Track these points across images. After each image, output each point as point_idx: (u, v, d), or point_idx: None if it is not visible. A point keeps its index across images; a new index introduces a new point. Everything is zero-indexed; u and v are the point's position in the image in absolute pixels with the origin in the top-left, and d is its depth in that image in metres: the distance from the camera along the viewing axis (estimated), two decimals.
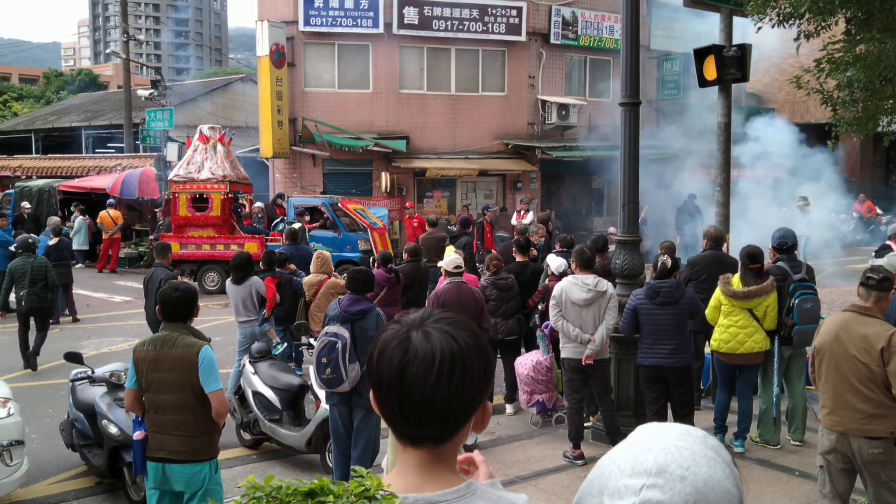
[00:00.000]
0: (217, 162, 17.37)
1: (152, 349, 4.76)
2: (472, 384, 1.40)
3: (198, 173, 17.23)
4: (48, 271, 11.31)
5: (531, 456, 7.52)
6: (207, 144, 17.51)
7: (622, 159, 7.96)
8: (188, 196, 17.23)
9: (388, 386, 1.39)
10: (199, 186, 17.20)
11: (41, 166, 27.53)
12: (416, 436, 1.43)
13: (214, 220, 17.25)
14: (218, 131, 17.97)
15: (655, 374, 6.99)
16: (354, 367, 5.94)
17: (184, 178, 17.24)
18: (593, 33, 25.14)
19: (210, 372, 4.70)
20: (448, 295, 7.70)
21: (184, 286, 4.97)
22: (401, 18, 22.48)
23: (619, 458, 1.15)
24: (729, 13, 10.66)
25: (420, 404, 1.37)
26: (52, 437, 7.94)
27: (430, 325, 1.43)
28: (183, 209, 17.23)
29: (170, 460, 4.75)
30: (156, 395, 4.77)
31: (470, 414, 1.44)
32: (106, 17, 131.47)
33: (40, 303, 11.18)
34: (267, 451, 7.82)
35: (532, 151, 23.73)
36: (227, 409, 4.87)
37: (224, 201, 17.21)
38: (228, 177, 17.30)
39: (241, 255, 9.61)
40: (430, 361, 1.37)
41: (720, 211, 10.92)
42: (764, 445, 7.49)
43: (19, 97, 57.40)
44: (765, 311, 7.19)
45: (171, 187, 17.61)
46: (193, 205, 17.25)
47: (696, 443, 1.14)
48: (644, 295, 7.01)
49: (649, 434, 1.18)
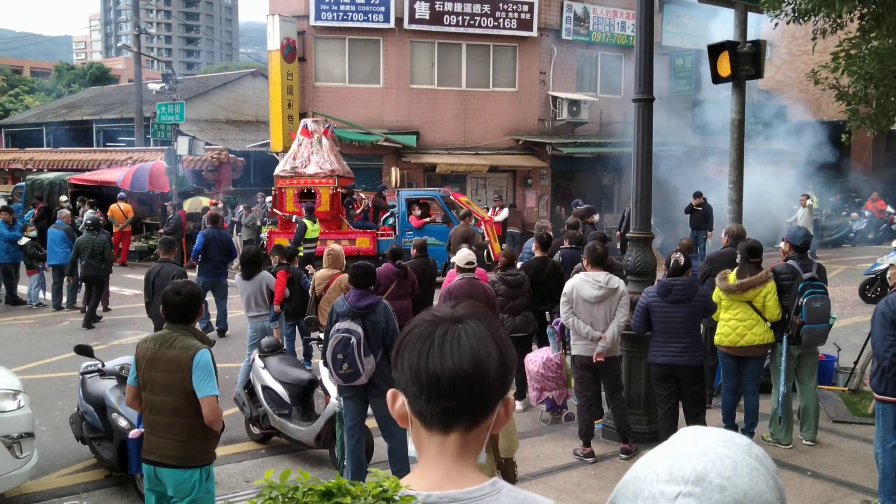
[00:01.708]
0: (323, 156, 17.06)
1: (151, 347, 4.63)
2: (504, 364, 1.44)
3: (304, 168, 16.90)
4: (105, 248, 13.60)
5: (541, 453, 7.49)
6: (312, 138, 17.17)
7: (635, 155, 7.92)
8: (295, 191, 16.88)
9: (428, 370, 1.40)
10: (306, 181, 16.89)
11: (52, 159, 27.64)
12: (452, 412, 1.43)
13: (323, 215, 16.82)
14: (321, 125, 17.62)
15: (667, 372, 6.95)
16: (369, 360, 6.08)
17: (290, 172, 16.89)
18: (605, 29, 25.03)
19: (204, 377, 4.52)
20: (460, 290, 7.68)
21: (187, 289, 4.78)
22: (412, 13, 22.44)
23: (658, 462, 1.10)
24: (743, 9, 10.58)
25: (460, 383, 1.39)
26: (62, 430, 7.95)
27: (460, 312, 1.47)
28: (290, 204, 16.86)
29: (161, 464, 4.61)
30: (151, 395, 4.63)
31: (501, 394, 1.46)
32: (117, 11, 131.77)
33: (96, 272, 13.45)
34: (276, 445, 7.81)
35: (543, 147, 23.66)
36: (218, 416, 4.62)
37: (333, 196, 16.87)
38: (336, 171, 16.96)
39: (250, 251, 9.63)
40: (470, 341, 1.42)
41: (733, 208, 10.85)
42: (775, 444, 7.45)
43: (31, 90, 57.64)
44: (763, 302, 7.17)
45: (276, 182, 17.30)
46: (300, 200, 16.88)
47: (739, 451, 1.09)
48: (656, 292, 6.97)
49: (691, 438, 1.12)
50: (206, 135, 27.14)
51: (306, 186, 16.93)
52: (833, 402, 8.75)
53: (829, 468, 6.95)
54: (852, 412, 8.46)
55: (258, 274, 9.18)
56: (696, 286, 7.06)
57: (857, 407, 8.60)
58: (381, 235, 17.26)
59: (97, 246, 13.44)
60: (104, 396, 6.65)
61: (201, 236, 13.10)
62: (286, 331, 9.85)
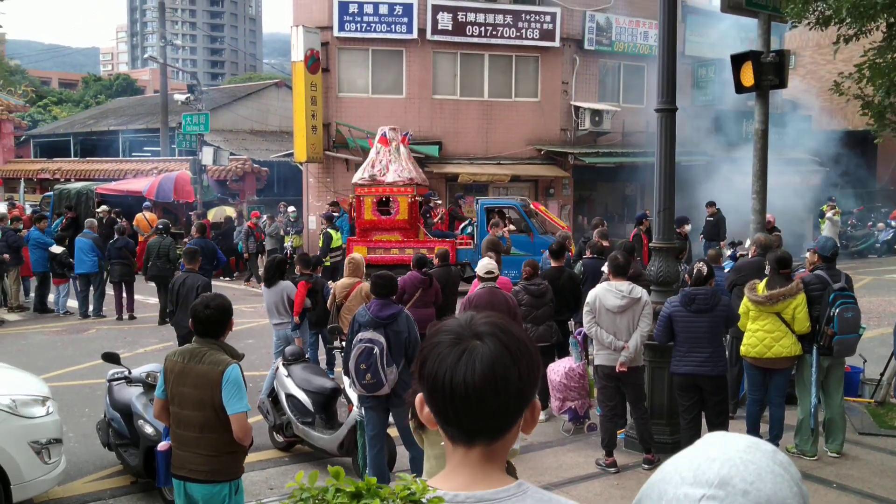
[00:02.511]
0: (402, 164, 16.92)
1: (180, 361, 4.57)
2: (526, 374, 1.43)
3: (382, 176, 16.76)
4: (170, 249, 14.58)
5: (563, 463, 7.48)
6: (390, 146, 17.05)
7: (657, 165, 7.92)
8: (373, 199, 16.75)
9: (444, 390, 1.41)
10: (385, 190, 16.73)
11: (79, 169, 27.99)
12: (471, 431, 1.44)
13: (401, 223, 16.73)
14: (399, 133, 17.46)
15: (690, 382, 6.93)
16: (392, 370, 6.09)
17: (368, 181, 16.76)
18: (628, 39, 25.00)
19: (234, 392, 4.43)
20: (480, 300, 7.71)
21: (216, 302, 4.69)
22: (435, 24, 22.54)
23: (682, 465, 1.11)
24: (767, 18, 10.54)
25: (476, 404, 1.40)
26: (88, 436, 8.05)
27: (479, 326, 1.46)
28: (368, 213, 16.74)
29: (190, 479, 4.58)
30: (179, 410, 4.58)
31: (523, 408, 1.46)
32: (144, 23, 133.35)
33: (160, 272, 14.37)
34: (299, 453, 7.86)
35: (565, 157, 23.65)
36: (247, 432, 4.56)
37: (411, 204, 16.72)
38: (415, 179, 16.87)
39: (272, 260, 9.72)
40: (487, 362, 1.40)
41: (756, 219, 10.79)
42: (800, 456, 7.39)
43: (59, 101, 58.42)
44: (793, 314, 7.12)
45: (355, 191, 17.21)
46: (378, 208, 16.78)
47: (763, 457, 1.10)
48: (679, 302, 6.96)
49: (716, 443, 1.14)
50: (230, 145, 27.37)
51: (384, 195, 16.78)
52: (859, 413, 8.66)
53: (854, 480, 6.88)
54: (878, 424, 8.38)
55: (279, 283, 9.27)
56: (719, 296, 7.04)
57: (883, 419, 8.52)
58: (460, 244, 16.97)
59: (163, 248, 14.47)
60: (130, 403, 6.73)
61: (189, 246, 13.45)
62: (309, 340, 9.91)
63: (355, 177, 17.42)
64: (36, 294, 15.97)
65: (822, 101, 26.51)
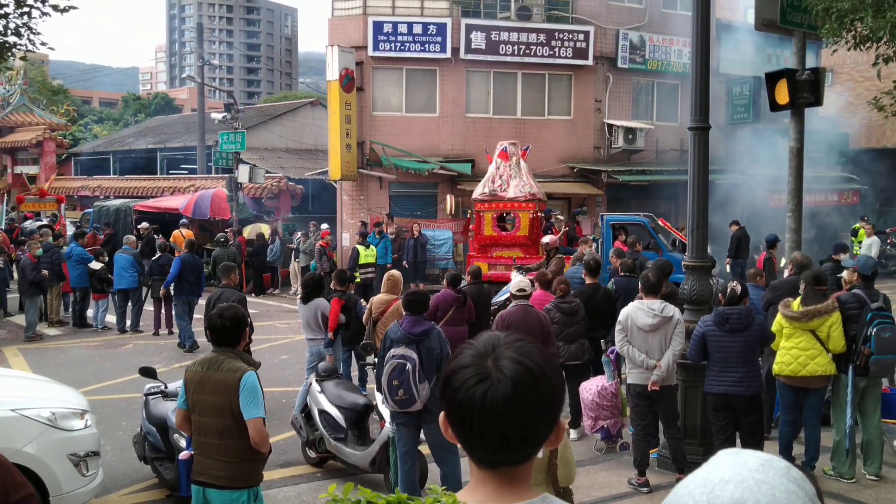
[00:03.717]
0: (522, 179, 16.53)
1: (199, 370, 4.72)
2: (547, 407, 1.42)
3: (503, 191, 16.43)
4: (236, 257, 16.26)
5: (595, 482, 7.43)
6: (510, 161, 16.70)
7: (691, 183, 7.89)
8: (493, 215, 16.46)
9: (467, 415, 1.40)
10: (505, 205, 16.43)
11: (118, 186, 28.51)
12: (495, 460, 1.44)
13: (522, 239, 16.37)
14: (519, 147, 17.12)
15: (724, 402, 6.87)
16: (424, 386, 6.12)
17: (488, 196, 16.44)
18: (661, 57, 24.95)
19: (250, 399, 4.58)
20: (513, 317, 7.71)
21: (230, 312, 4.86)
22: (468, 43, 22.68)
23: (696, 488, 1.11)
24: (802, 36, 10.49)
25: (499, 432, 1.38)
26: (125, 450, 8.17)
27: (502, 350, 1.44)
28: (488, 228, 16.40)
29: (209, 485, 4.69)
30: (200, 418, 4.72)
31: (546, 435, 1.45)
32: (182, 43, 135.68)
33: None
34: (331, 469, 7.89)
35: (598, 175, 23.59)
36: (264, 438, 4.66)
37: (532, 220, 16.41)
38: (536, 195, 16.59)
39: (309, 276, 9.81)
40: (507, 390, 1.38)
41: (792, 237, 10.69)
42: (838, 478, 7.27)
43: (99, 120, 59.65)
44: (828, 333, 7.03)
45: (474, 206, 16.91)
46: (498, 224, 16.52)
47: (777, 475, 1.09)
48: (712, 321, 6.91)
49: (729, 463, 1.13)
50: (266, 163, 27.68)
51: (505, 210, 16.53)
52: None
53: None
54: None
55: (314, 299, 9.35)
56: (753, 315, 6.98)
57: None
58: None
59: (230, 256, 16.04)
60: (166, 417, 6.81)
61: (177, 260, 14.21)
62: (342, 356, 9.97)
63: (475, 192, 16.98)
64: (75, 309, 16.25)
65: (861, 118, 26.21)
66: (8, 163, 34.91)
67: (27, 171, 34.44)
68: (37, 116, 34.50)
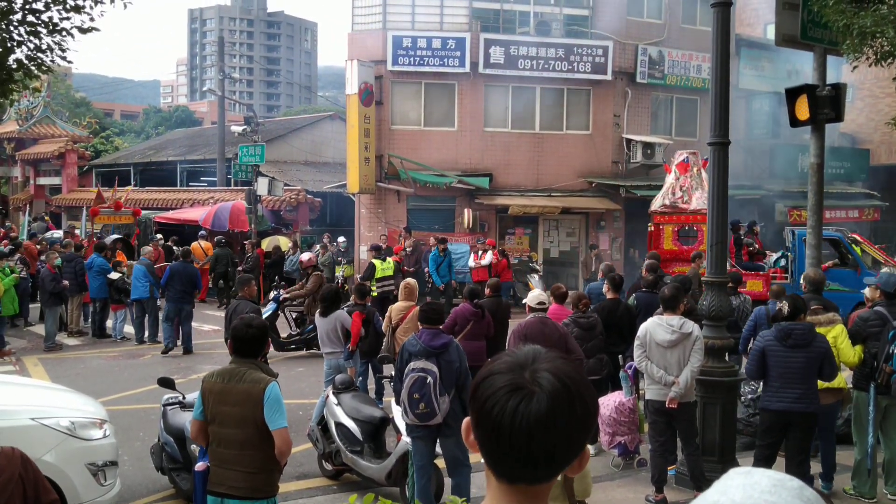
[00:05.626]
0: (704, 190, 15.46)
1: (220, 382, 4.73)
2: (579, 428, 1.38)
3: (685, 204, 15.82)
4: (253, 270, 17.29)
5: (612, 498, 7.39)
6: (689, 172, 16.08)
7: (710, 199, 7.87)
8: (673, 228, 15.86)
9: (496, 425, 1.36)
10: (687, 218, 15.80)
11: (139, 198, 28.70)
12: (516, 476, 1.41)
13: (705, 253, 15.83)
14: (699, 157, 16.36)
15: (781, 419, 6.75)
16: (444, 399, 6.11)
17: (669, 208, 15.90)
18: (680, 72, 24.91)
19: (276, 409, 4.62)
20: (532, 329, 7.70)
21: (258, 323, 4.90)
22: (487, 58, 22.74)
23: None
24: (823, 52, 10.45)
25: (526, 447, 1.35)
26: (142, 460, 8.20)
27: (541, 363, 1.40)
28: (668, 242, 15.82)
29: (228, 495, 4.71)
30: (220, 429, 4.74)
31: (571, 459, 1.40)
32: (203, 57, 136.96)
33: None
34: (347, 482, 7.90)
35: (616, 190, 23.54)
36: (289, 447, 4.74)
37: None
38: None
39: (328, 289, 9.85)
40: (542, 404, 1.34)
41: (812, 253, 10.62)
42: (858, 498, 7.19)
43: (121, 132, 60.21)
44: (834, 345, 6.96)
45: (653, 219, 16.26)
46: (678, 237, 15.91)
47: (789, 496, 1.04)
48: (773, 336, 6.79)
49: (739, 484, 1.09)
50: (284, 175, 27.82)
51: (686, 223, 15.88)
52: None
53: None
54: None
55: (334, 312, 9.37)
56: (815, 332, 6.82)
57: None
58: (774, 277, 15.62)
59: (247, 266, 17.32)
60: (184, 428, 6.84)
61: (168, 269, 14.73)
62: (360, 368, 9.98)
63: (653, 205, 16.40)
64: (95, 319, 16.37)
65: (882, 135, 26.03)
66: (30, 174, 35.28)
67: (49, 182, 34.82)
68: (59, 129, 34.87)
